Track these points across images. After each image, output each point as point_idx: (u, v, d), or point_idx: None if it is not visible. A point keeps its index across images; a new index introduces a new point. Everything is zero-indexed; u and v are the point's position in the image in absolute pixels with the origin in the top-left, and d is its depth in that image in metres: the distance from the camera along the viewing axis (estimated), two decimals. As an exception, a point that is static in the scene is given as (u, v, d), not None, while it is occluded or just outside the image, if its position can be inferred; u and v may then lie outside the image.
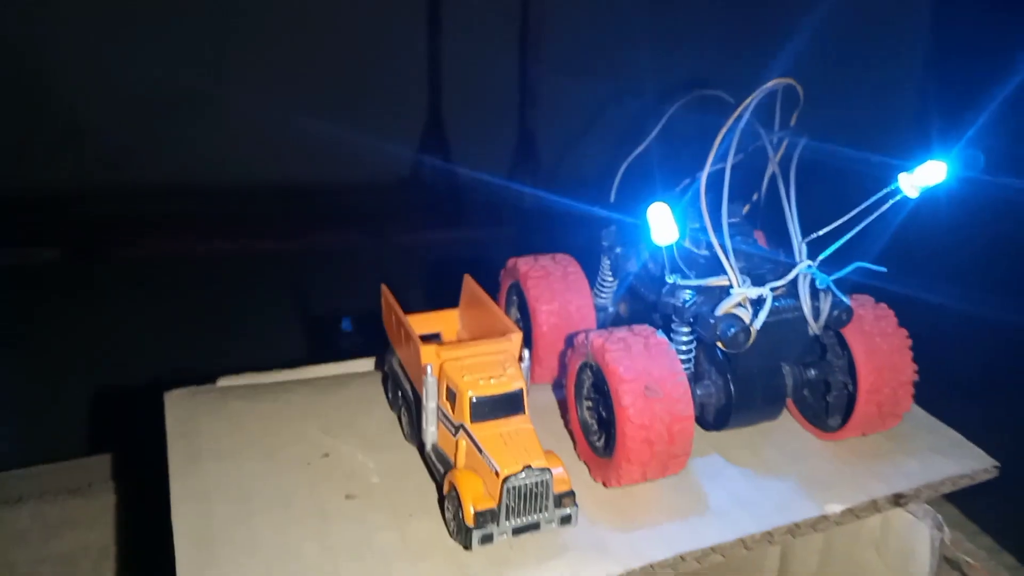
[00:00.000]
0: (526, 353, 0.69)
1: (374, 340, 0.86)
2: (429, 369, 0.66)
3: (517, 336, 0.70)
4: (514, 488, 0.61)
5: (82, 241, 2.10)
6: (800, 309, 0.69)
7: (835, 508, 0.70)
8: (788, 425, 0.81)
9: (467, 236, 2.25)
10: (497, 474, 0.61)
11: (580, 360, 0.71)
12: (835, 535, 0.82)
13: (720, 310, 0.67)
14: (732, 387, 0.71)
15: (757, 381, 0.71)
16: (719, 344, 0.67)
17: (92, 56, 2.11)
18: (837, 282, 0.69)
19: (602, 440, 0.71)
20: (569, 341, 0.79)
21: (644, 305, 0.78)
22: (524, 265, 0.82)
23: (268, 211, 2.29)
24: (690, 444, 0.67)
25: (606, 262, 0.82)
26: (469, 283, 0.80)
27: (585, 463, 0.73)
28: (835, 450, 0.77)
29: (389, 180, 2.43)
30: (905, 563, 0.75)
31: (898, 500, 0.73)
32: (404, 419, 0.75)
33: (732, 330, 0.65)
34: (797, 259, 0.69)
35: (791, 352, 0.71)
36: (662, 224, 0.64)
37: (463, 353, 0.68)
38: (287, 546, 0.64)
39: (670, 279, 0.69)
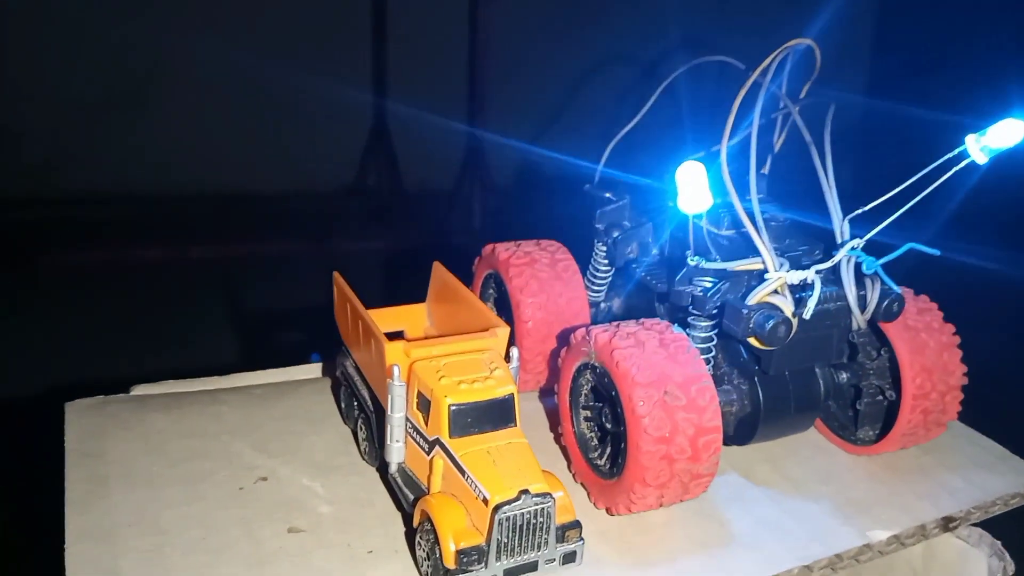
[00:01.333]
0: (515, 352, 0.57)
1: (322, 340, 0.72)
2: (396, 371, 0.53)
3: (504, 331, 0.57)
4: (507, 519, 0.48)
5: (10, 248, 1.93)
6: (843, 299, 0.58)
7: (880, 535, 0.59)
8: (811, 437, 0.69)
9: (419, 242, 2.12)
10: (486, 502, 0.48)
11: (578, 361, 0.59)
12: (862, 569, 0.71)
13: (753, 298, 0.55)
14: (760, 393, 0.59)
15: (790, 386, 0.60)
16: (752, 340, 0.56)
17: (22, 59, 1.99)
18: (885, 268, 0.59)
19: (606, 458, 0.58)
20: (560, 339, 0.67)
21: (647, 298, 0.66)
22: (504, 251, 0.70)
23: (204, 217, 2.15)
24: (717, 461, 0.55)
25: (600, 249, 0.70)
26: (440, 271, 0.67)
27: (583, 485, 0.60)
28: (868, 467, 0.66)
29: (331, 186, 2.30)
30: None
31: (948, 524, 0.62)
32: (362, 434, 0.62)
33: (770, 322, 0.54)
34: (838, 239, 0.58)
35: (829, 350, 0.60)
36: (695, 187, 0.52)
37: (439, 352, 0.55)
38: (213, 597, 0.50)
39: (692, 260, 0.57)
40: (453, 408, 0.51)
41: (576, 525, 0.51)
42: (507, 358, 0.56)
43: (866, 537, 0.59)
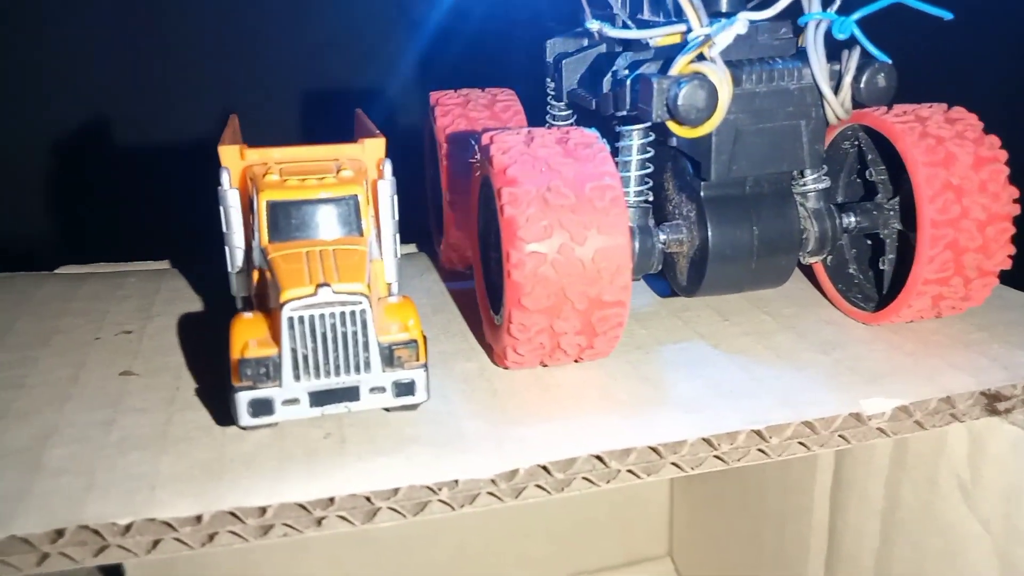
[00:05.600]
0: (388, 166, 0.46)
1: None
2: (225, 177, 0.44)
3: (374, 142, 0.47)
4: (300, 320, 0.37)
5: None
6: (807, 76, 0.43)
7: (881, 405, 0.43)
8: (822, 312, 0.54)
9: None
10: (279, 301, 0.37)
11: (479, 179, 0.47)
12: (910, 469, 0.53)
13: (674, 69, 0.42)
14: (708, 219, 0.45)
15: (751, 211, 0.46)
16: (675, 128, 0.42)
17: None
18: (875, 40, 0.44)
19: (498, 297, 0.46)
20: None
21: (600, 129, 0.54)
22: (441, 94, 0.59)
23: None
24: (627, 287, 0.42)
25: (549, 85, 0.58)
26: (360, 118, 0.57)
27: (489, 344, 0.48)
28: (891, 338, 0.50)
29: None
30: (1007, 507, 0.46)
31: (993, 403, 0.44)
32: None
33: (682, 86, 0.40)
34: (806, 1, 0.43)
35: (797, 151, 0.45)
36: None
37: (281, 156, 0.45)
38: None
39: (591, 24, 0.45)
40: (270, 204, 0.41)
41: (411, 344, 0.39)
42: (381, 174, 0.46)
43: (859, 406, 0.43)
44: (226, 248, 0.45)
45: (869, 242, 0.53)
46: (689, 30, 0.42)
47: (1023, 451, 0.44)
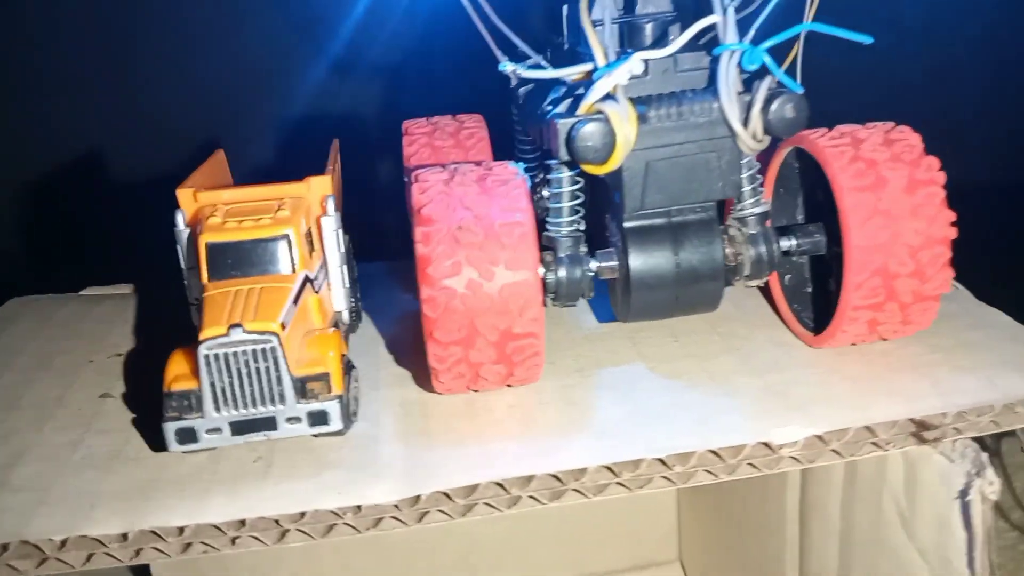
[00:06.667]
0: (331, 203, 0.49)
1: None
2: (180, 217, 0.48)
3: (320, 180, 0.50)
4: (215, 357, 0.41)
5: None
6: (714, 109, 0.43)
7: (793, 435, 0.43)
8: (775, 334, 0.54)
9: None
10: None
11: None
12: (859, 493, 0.53)
13: (580, 108, 0.43)
14: (628, 249, 0.46)
15: (669, 233, 0.46)
16: (586, 166, 0.44)
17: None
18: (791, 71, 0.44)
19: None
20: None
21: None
22: (412, 123, 0.62)
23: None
24: (537, 319, 0.44)
25: (513, 113, 0.59)
26: (334, 148, 0.61)
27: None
28: (836, 362, 0.49)
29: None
30: (938, 537, 0.45)
31: (921, 431, 0.44)
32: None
33: (580, 127, 0.42)
34: (722, 31, 0.44)
35: (710, 184, 0.45)
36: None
37: (231, 197, 0.49)
38: None
39: (505, 67, 0.46)
40: (209, 245, 0.45)
41: (322, 377, 0.42)
42: (325, 211, 0.49)
43: (768, 436, 0.43)
44: (185, 281, 0.49)
45: (822, 264, 0.53)
46: (596, 68, 0.43)
47: (950, 482, 0.44)
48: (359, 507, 0.40)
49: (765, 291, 0.57)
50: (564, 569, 0.82)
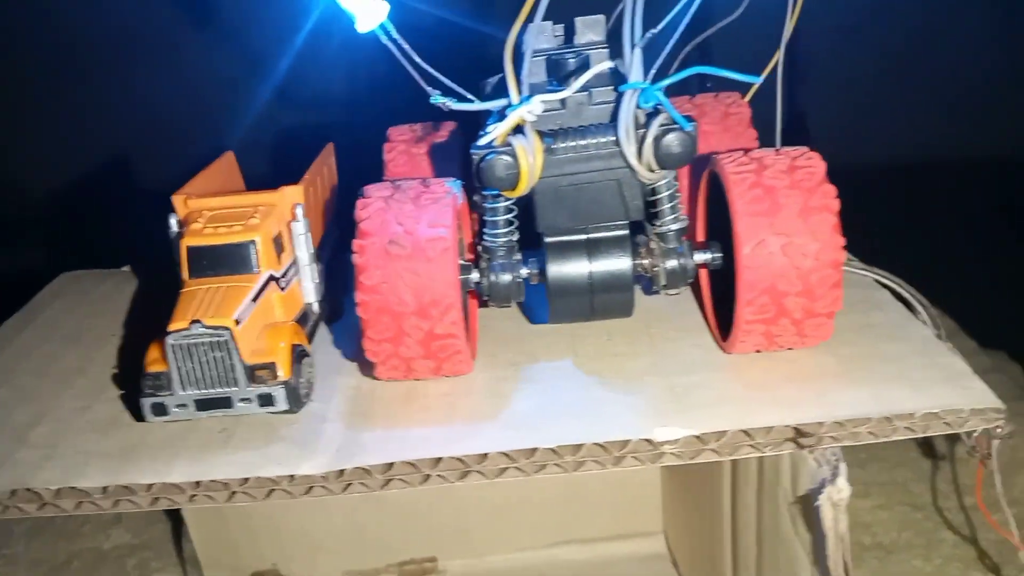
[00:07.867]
0: (299, 210, 0.57)
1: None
2: (172, 221, 0.57)
3: (292, 190, 0.57)
4: (178, 347, 0.49)
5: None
6: (613, 142, 0.48)
7: (673, 434, 0.48)
8: (702, 338, 0.58)
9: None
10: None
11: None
12: (767, 488, 0.57)
13: (489, 137, 0.49)
14: (547, 261, 0.52)
15: (583, 248, 0.52)
16: (500, 190, 0.50)
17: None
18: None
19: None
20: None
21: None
22: (395, 130, 0.68)
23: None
24: (457, 322, 0.50)
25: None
26: (327, 151, 0.68)
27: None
28: (744, 368, 0.54)
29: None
30: (809, 535, 0.50)
31: (798, 438, 0.48)
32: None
33: (488, 159, 0.48)
34: (627, 70, 0.49)
35: (615, 208, 0.50)
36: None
37: (217, 203, 0.57)
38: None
39: (437, 100, 0.52)
40: (189, 248, 0.53)
41: (268, 367, 0.50)
42: (295, 217, 0.57)
43: (652, 434, 0.48)
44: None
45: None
46: (509, 104, 0.49)
47: (814, 483, 0.48)
48: (292, 476, 0.48)
49: (700, 297, 0.61)
50: (550, 534, 0.89)
